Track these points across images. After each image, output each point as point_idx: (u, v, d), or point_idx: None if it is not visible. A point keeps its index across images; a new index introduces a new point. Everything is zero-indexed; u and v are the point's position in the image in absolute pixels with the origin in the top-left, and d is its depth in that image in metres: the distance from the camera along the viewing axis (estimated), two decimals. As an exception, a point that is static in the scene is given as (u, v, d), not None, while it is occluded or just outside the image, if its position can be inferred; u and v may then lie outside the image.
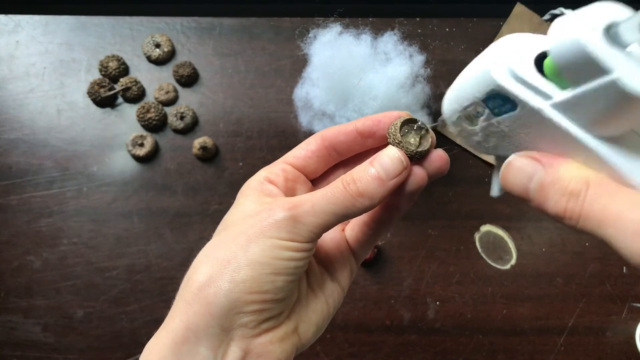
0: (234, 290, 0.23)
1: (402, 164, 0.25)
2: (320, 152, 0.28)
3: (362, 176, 0.25)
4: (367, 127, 0.27)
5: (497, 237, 0.58)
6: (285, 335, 0.25)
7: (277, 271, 0.24)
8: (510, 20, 0.62)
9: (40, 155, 0.60)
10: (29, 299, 0.57)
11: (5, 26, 0.63)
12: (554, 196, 0.20)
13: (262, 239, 0.24)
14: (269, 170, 0.28)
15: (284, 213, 0.24)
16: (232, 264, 0.24)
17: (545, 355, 0.56)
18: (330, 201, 0.24)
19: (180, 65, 0.61)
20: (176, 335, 0.24)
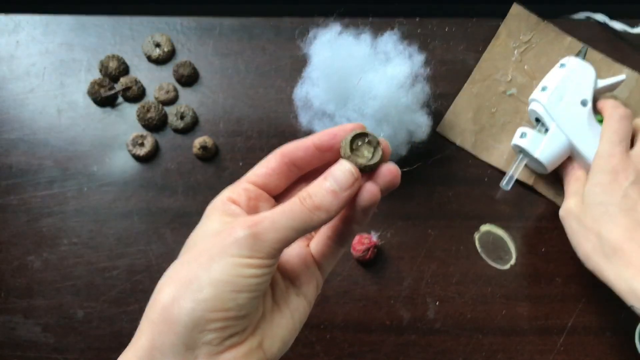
0: (196, 309, 0.24)
1: (353, 176, 0.26)
2: (280, 168, 0.29)
3: (317, 191, 0.26)
4: (324, 141, 0.28)
5: (497, 237, 0.58)
6: (250, 351, 0.26)
7: (238, 289, 0.24)
8: (507, 21, 0.62)
9: (40, 155, 0.60)
10: (29, 299, 0.57)
11: (6, 26, 0.64)
12: None
13: (224, 257, 0.25)
14: (231, 190, 0.29)
15: (244, 231, 0.25)
16: (194, 284, 0.24)
17: (545, 355, 0.56)
18: (288, 216, 0.25)
19: (180, 65, 0.61)
20: (142, 355, 0.24)
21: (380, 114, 0.53)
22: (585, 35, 0.61)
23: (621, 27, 0.60)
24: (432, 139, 0.59)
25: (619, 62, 0.61)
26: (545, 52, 0.61)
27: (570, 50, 0.61)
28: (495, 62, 0.62)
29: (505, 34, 0.62)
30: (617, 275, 0.45)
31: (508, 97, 0.61)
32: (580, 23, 0.63)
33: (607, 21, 0.61)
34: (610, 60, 0.61)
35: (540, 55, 0.61)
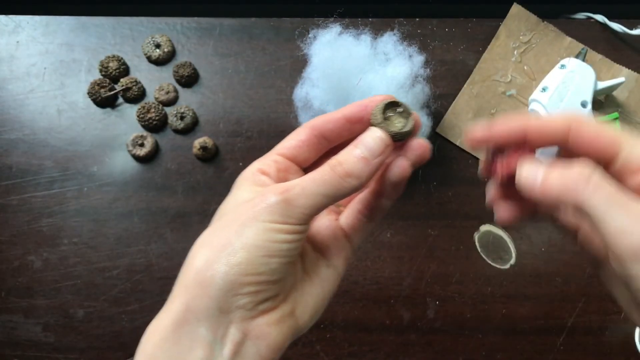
0: (229, 272, 0.24)
1: (384, 142, 0.27)
2: (309, 140, 0.29)
3: (347, 158, 0.26)
4: (355, 112, 0.28)
5: (497, 237, 0.58)
6: (282, 318, 0.26)
7: (270, 253, 0.25)
8: (507, 21, 0.62)
9: (40, 155, 0.60)
10: (30, 299, 0.57)
11: (6, 26, 0.64)
12: (559, 180, 0.24)
13: (255, 222, 0.25)
14: (261, 161, 0.29)
15: (275, 197, 0.25)
16: (227, 248, 0.25)
17: (545, 354, 0.56)
18: (319, 183, 0.26)
19: (180, 65, 0.61)
20: (176, 317, 0.25)
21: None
22: (585, 36, 0.61)
23: (620, 29, 0.60)
24: (432, 139, 0.59)
25: (618, 62, 0.61)
26: (545, 53, 0.62)
27: (570, 51, 0.61)
28: (495, 63, 0.62)
29: (505, 34, 0.62)
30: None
31: (508, 97, 0.61)
32: (580, 23, 0.63)
33: (606, 22, 0.61)
34: (610, 61, 0.61)
35: (540, 55, 0.62)
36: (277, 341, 0.26)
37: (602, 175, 0.23)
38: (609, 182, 0.22)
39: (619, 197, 0.22)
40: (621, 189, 0.22)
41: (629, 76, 0.60)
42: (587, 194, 0.22)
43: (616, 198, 0.22)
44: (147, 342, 0.25)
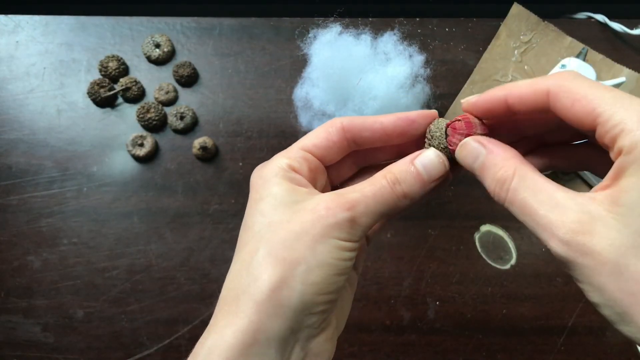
0: (306, 292, 0.23)
1: (444, 168, 0.26)
2: (341, 143, 0.28)
3: (405, 177, 0.25)
4: (399, 126, 0.27)
5: (497, 237, 0.58)
6: (334, 332, 0.26)
7: (339, 271, 0.24)
8: (508, 21, 0.62)
9: (40, 155, 0.60)
10: (29, 299, 0.57)
11: (5, 26, 0.64)
12: (488, 178, 0.24)
13: (327, 239, 0.24)
14: (289, 157, 0.27)
15: (343, 214, 0.24)
16: (301, 265, 0.23)
17: (545, 355, 0.56)
18: (379, 201, 0.25)
19: (180, 65, 0.61)
20: (245, 337, 0.23)
21: (380, 114, 0.53)
22: (585, 36, 0.61)
23: (621, 29, 0.60)
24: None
25: (619, 62, 0.61)
26: (545, 53, 0.61)
27: (570, 51, 0.61)
28: (495, 63, 0.62)
29: (505, 34, 0.62)
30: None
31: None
32: (580, 23, 0.63)
33: (607, 22, 0.61)
34: (611, 61, 0.61)
35: (540, 55, 0.61)
36: (330, 353, 0.26)
37: (521, 172, 0.23)
38: (524, 184, 0.22)
39: (532, 203, 0.22)
40: (534, 185, 0.22)
41: (629, 76, 0.59)
42: (508, 200, 0.23)
43: (529, 208, 0.22)
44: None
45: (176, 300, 0.57)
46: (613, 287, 0.20)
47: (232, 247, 0.26)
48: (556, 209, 0.21)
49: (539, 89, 0.24)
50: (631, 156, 0.20)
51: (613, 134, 0.21)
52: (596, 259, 0.20)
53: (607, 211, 0.20)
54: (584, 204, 0.21)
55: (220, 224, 0.59)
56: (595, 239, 0.20)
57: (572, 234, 0.20)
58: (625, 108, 0.21)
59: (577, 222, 0.20)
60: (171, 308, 0.57)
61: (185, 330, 0.56)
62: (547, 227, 0.21)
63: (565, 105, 0.23)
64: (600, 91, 0.22)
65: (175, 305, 0.57)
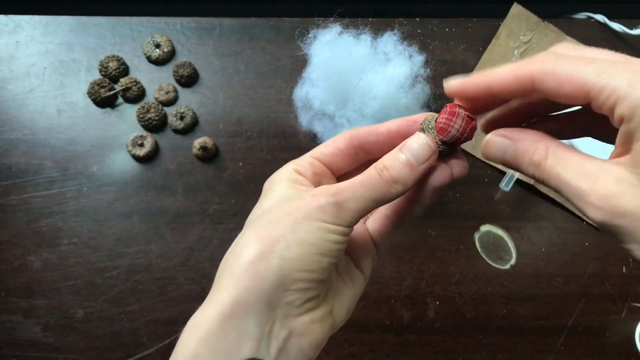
0: (283, 266, 0.24)
1: (430, 148, 0.27)
2: (347, 150, 0.29)
3: (393, 163, 0.26)
4: (402, 127, 0.28)
5: (497, 237, 0.58)
6: (324, 317, 0.27)
7: (323, 252, 0.25)
8: (508, 21, 0.62)
9: (40, 155, 0.60)
10: (29, 299, 0.57)
11: (5, 26, 0.64)
12: (524, 165, 0.25)
13: (309, 220, 0.25)
14: (296, 162, 0.29)
15: (326, 199, 0.25)
16: (281, 242, 0.25)
17: (545, 355, 0.56)
18: (367, 188, 0.26)
19: (180, 65, 0.61)
20: (224, 309, 0.24)
21: (380, 114, 0.53)
22: (585, 36, 0.61)
23: (620, 29, 0.60)
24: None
25: (618, 62, 0.60)
26: (545, 52, 0.61)
27: (570, 51, 0.61)
28: (495, 63, 0.62)
29: (505, 34, 0.62)
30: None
31: (508, 97, 0.61)
32: (580, 23, 0.63)
33: (606, 22, 0.61)
34: (610, 61, 0.60)
35: (540, 55, 0.61)
36: (319, 338, 0.26)
37: (552, 149, 0.24)
38: (556, 160, 0.23)
39: (568, 170, 0.23)
40: (563, 156, 0.23)
41: (629, 76, 0.59)
42: (546, 177, 0.24)
43: (563, 181, 0.23)
44: (191, 335, 0.24)
45: (176, 300, 0.57)
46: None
47: (232, 247, 0.26)
48: (586, 177, 0.22)
49: (522, 75, 0.24)
50: (633, 122, 0.21)
51: (609, 105, 0.21)
52: (632, 217, 0.21)
53: (631, 173, 0.21)
54: (610, 169, 0.22)
55: (220, 224, 0.59)
56: (625, 199, 0.21)
57: (604, 199, 0.21)
58: (613, 77, 0.21)
59: (606, 186, 0.21)
60: (171, 308, 0.57)
61: (185, 330, 0.56)
62: (581, 196, 0.22)
63: (553, 88, 0.23)
64: (584, 66, 0.22)
65: (175, 305, 0.57)
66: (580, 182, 0.22)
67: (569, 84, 0.22)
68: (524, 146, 0.25)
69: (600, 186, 0.22)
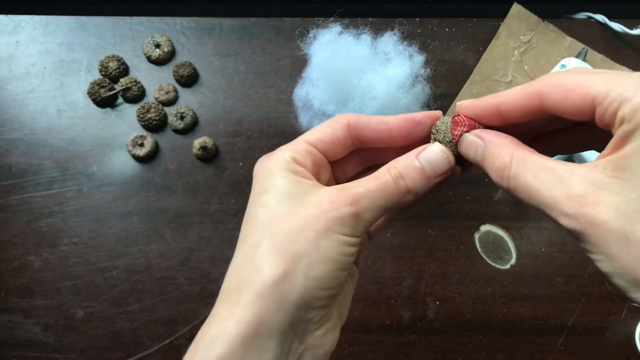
0: (307, 286, 0.23)
1: (449, 163, 0.26)
2: (345, 140, 0.28)
3: (409, 172, 0.25)
4: (405, 128, 0.27)
5: (497, 237, 0.58)
6: (335, 324, 0.26)
7: (342, 267, 0.24)
8: (508, 21, 0.62)
9: (40, 155, 0.60)
10: (29, 299, 0.57)
11: (5, 26, 0.64)
12: (489, 169, 0.24)
13: (330, 234, 0.24)
14: (293, 149, 0.27)
15: (347, 208, 0.24)
16: (304, 259, 0.24)
17: (545, 355, 0.56)
18: (383, 196, 0.25)
19: (180, 65, 0.61)
20: (247, 328, 0.23)
21: (380, 114, 0.53)
22: (585, 36, 0.61)
23: (620, 29, 0.60)
24: (432, 139, 0.59)
25: (618, 62, 0.61)
26: (545, 53, 0.62)
27: (570, 51, 0.61)
28: (495, 63, 0.62)
29: (505, 34, 0.62)
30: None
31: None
32: (580, 23, 0.63)
33: (607, 22, 0.61)
34: (611, 61, 0.61)
35: (540, 55, 0.61)
36: (332, 346, 0.26)
37: (519, 157, 0.23)
38: (524, 167, 0.22)
39: (533, 176, 0.22)
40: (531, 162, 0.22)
41: (629, 76, 0.59)
42: (512, 187, 0.23)
43: (533, 191, 0.22)
44: (209, 350, 0.23)
45: (176, 300, 0.57)
46: (622, 254, 0.20)
47: (232, 247, 0.26)
48: (559, 185, 0.21)
49: (529, 92, 0.24)
50: (632, 122, 0.20)
51: (613, 109, 0.21)
52: (603, 228, 0.20)
53: (610, 177, 0.20)
54: (586, 174, 0.21)
55: (220, 224, 0.59)
56: (600, 208, 0.20)
57: (577, 207, 0.20)
58: (619, 83, 0.21)
59: (581, 194, 0.20)
60: (171, 308, 0.57)
61: (185, 330, 0.56)
62: (554, 205, 0.21)
63: (559, 99, 0.23)
64: (591, 76, 0.22)
65: (175, 305, 0.57)
66: (553, 190, 0.21)
67: (576, 92, 0.22)
68: (490, 149, 0.24)
69: (575, 193, 0.21)
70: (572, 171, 0.21)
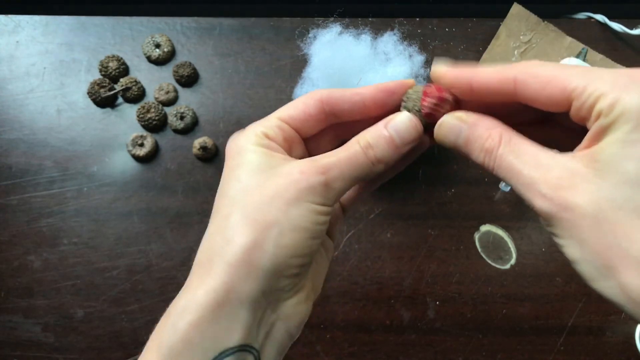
0: (279, 254, 0.23)
1: (417, 131, 0.26)
2: (318, 116, 0.28)
3: (378, 142, 0.25)
4: (379, 98, 0.27)
5: (497, 237, 0.58)
6: (308, 295, 0.26)
7: (314, 235, 0.24)
8: (508, 21, 0.62)
9: (40, 155, 0.60)
10: (29, 299, 0.57)
11: (5, 26, 0.64)
12: (475, 151, 0.25)
13: (301, 203, 0.24)
14: (264, 125, 0.27)
15: (317, 178, 0.24)
16: (274, 228, 0.24)
17: (545, 355, 0.56)
18: (353, 166, 0.25)
19: (180, 65, 0.61)
20: (217, 296, 0.23)
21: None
22: (585, 36, 0.61)
23: (620, 29, 0.60)
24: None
25: (618, 62, 0.61)
26: (545, 53, 0.62)
27: (570, 51, 0.61)
28: (496, 63, 0.62)
29: (505, 34, 0.62)
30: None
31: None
32: (580, 23, 0.63)
33: (607, 22, 0.61)
34: (611, 61, 0.61)
35: (540, 55, 0.61)
36: (304, 317, 0.26)
37: (506, 137, 0.23)
38: (509, 148, 0.23)
39: (519, 162, 0.23)
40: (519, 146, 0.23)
41: (629, 76, 0.59)
42: (496, 166, 0.23)
43: (514, 170, 0.23)
44: (181, 318, 0.23)
45: (176, 300, 0.57)
46: (593, 240, 0.20)
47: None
48: (539, 167, 0.22)
49: (504, 77, 0.24)
50: (609, 117, 0.20)
51: (590, 103, 0.21)
52: (577, 212, 0.20)
53: (586, 167, 0.21)
54: (565, 161, 0.22)
55: (220, 224, 0.59)
56: (575, 193, 0.21)
57: (554, 190, 0.21)
58: (597, 78, 0.21)
59: (558, 178, 0.21)
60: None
61: (185, 330, 0.56)
62: (531, 186, 0.22)
63: (536, 89, 0.23)
64: (569, 69, 0.22)
65: (175, 305, 0.57)
66: (532, 171, 0.22)
67: (553, 84, 0.22)
68: (477, 131, 0.25)
69: (552, 177, 0.21)
70: (552, 157, 0.22)
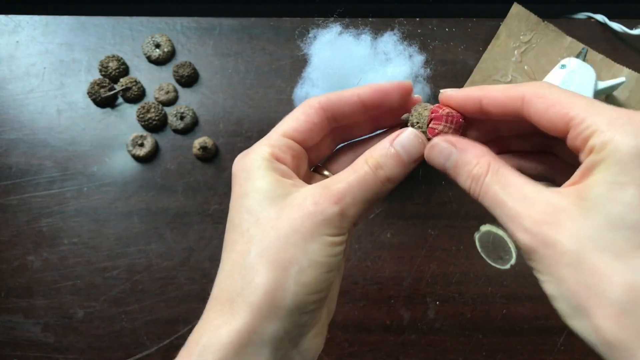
0: (299, 293, 0.24)
1: (424, 147, 0.27)
2: (322, 123, 0.27)
3: (386, 160, 0.25)
4: (375, 99, 0.27)
5: (497, 237, 0.58)
6: (324, 324, 0.26)
7: (331, 268, 0.24)
8: (508, 21, 0.62)
9: (40, 155, 0.60)
10: (29, 299, 0.57)
11: (5, 26, 0.64)
12: (462, 176, 0.25)
13: (317, 237, 0.24)
14: (271, 145, 0.26)
15: (332, 208, 0.24)
16: (294, 266, 0.23)
17: (545, 355, 0.56)
18: (364, 189, 0.25)
19: (180, 65, 0.61)
20: (241, 337, 0.23)
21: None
22: (585, 36, 0.61)
23: (620, 29, 0.60)
24: (432, 139, 0.59)
25: (619, 62, 0.61)
26: (545, 53, 0.62)
27: (570, 51, 0.61)
28: (495, 63, 0.62)
29: (505, 34, 0.62)
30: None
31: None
32: (580, 23, 0.63)
33: (607, 22, 0.61)
34: (611, 61, 0.61)
35: (540, 55, 0.61)
36: (321, 347, 0.26)
37: (494, 167, 0.24)
38: (496, 178, 0.23)
39: (501, 198, 0.23)
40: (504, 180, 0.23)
41: (629, 76, 0.59)
42: (481, 194, 0.24)
43: (499, 201, 0.23)
44: (203, 357, 0.23)
45: (176, 300, 0.57)
46: (571, 278, 0.20)
47: (232, 247, 0.26)
48: (524, 201, 0.22)
49: (513, 95, 0.24)
50: (601, 154, 0.21)
51: (585, 135, 0.21)
52: (557, 249, 0.20)
53: (572, 204, 0.21)
54: (551, 197, 0.22)
55: (220, 224, 0.59)
56: (558, 230, 0.20)
57: (536, 225, 0.21)
58: (597, 113, 0.21)
59: (542, 213, 0.21)
60: (171, 308, 0.57)
61: (185, 330, 0.56)
62: (514, 218, 0.22)
63: (539, 109, 0.23)
64: (574, 98, 0.23)
65: (175, 305, 0.57)
66: (516, 204, 0.22)
67: (556, 108, 0.23)
68: (466, 157, 0.25)
69: (536, 211, 0.21)
70: (538, 191, 0.22)
